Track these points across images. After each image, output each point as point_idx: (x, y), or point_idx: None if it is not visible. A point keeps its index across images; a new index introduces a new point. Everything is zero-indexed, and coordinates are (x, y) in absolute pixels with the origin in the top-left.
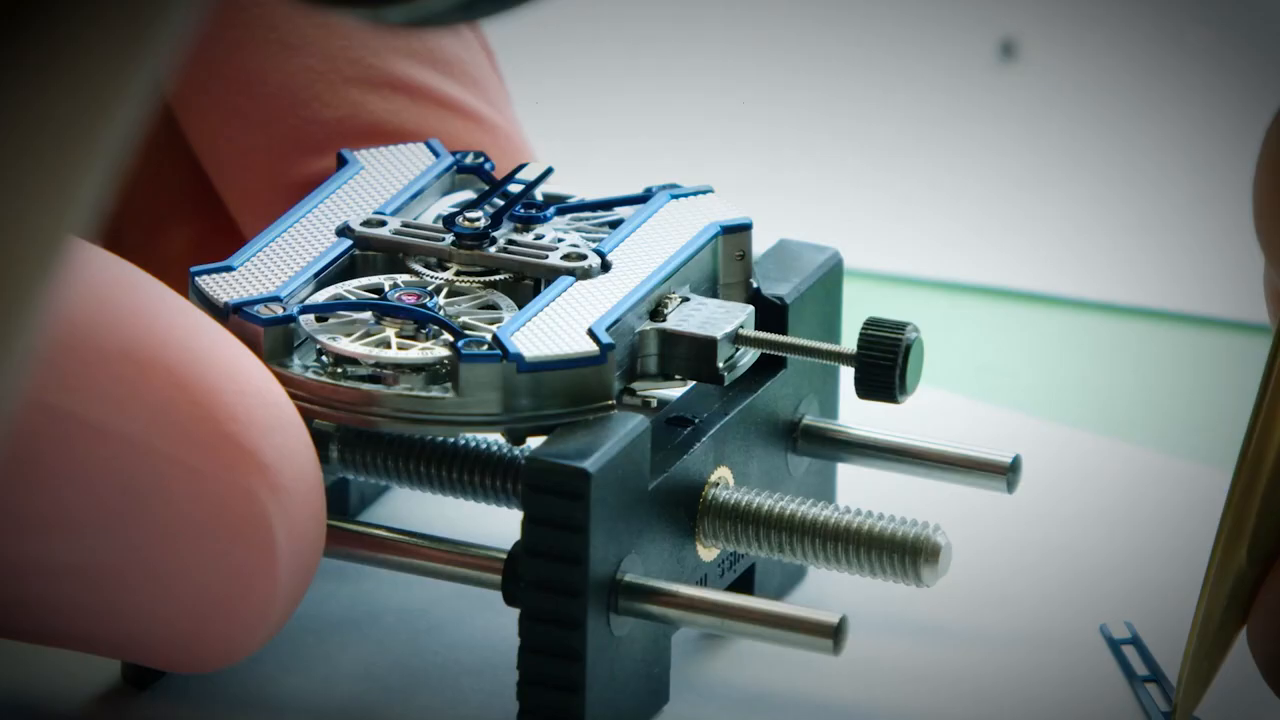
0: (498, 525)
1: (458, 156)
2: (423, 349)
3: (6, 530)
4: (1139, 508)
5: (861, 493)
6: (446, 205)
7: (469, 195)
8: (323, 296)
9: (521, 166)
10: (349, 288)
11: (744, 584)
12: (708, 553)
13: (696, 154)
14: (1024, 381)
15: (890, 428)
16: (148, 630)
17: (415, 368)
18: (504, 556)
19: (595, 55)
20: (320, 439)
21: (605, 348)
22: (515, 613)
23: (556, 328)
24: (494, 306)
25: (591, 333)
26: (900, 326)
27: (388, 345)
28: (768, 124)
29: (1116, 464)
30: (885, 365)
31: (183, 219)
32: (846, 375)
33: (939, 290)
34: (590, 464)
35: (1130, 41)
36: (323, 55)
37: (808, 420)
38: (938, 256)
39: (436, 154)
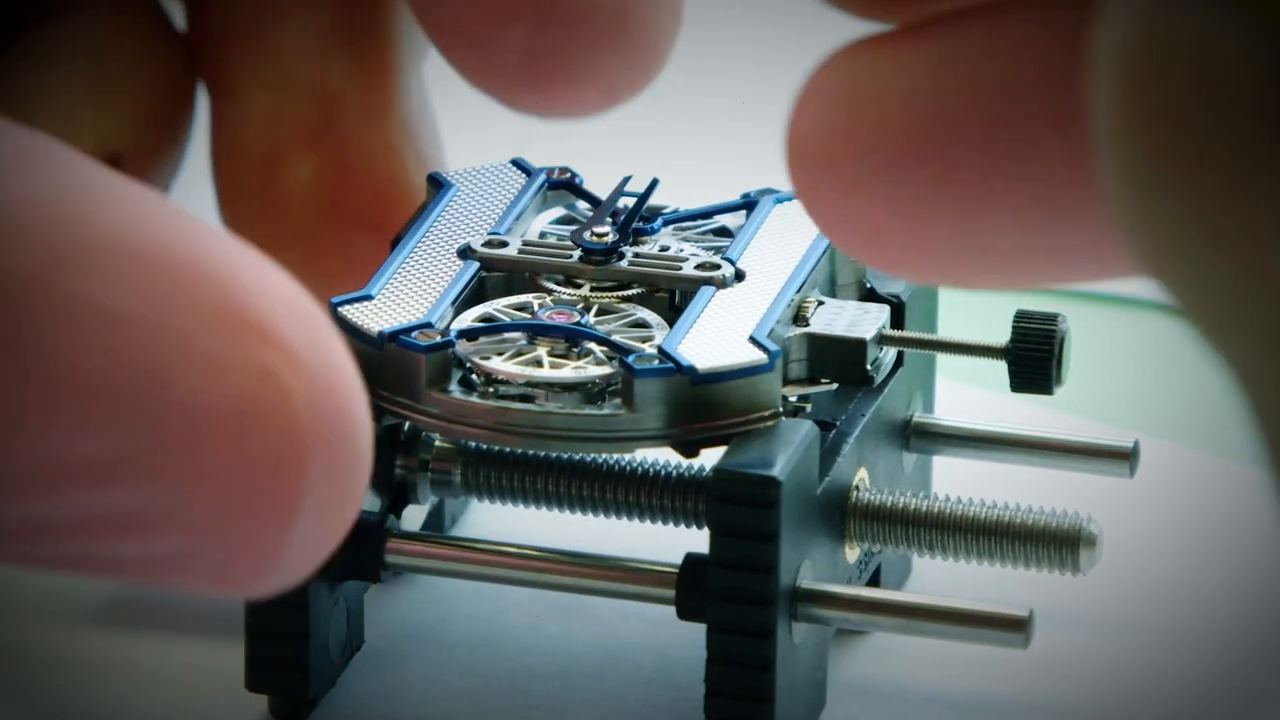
0: (588, 536)
1: (547, 170)
2: (575, 368)
3: (19, 429)
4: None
5: (956, 485)
6: (545, 221)
7: (562, 210)
8: (470, 318)
9: (627, 179)
10: (499, 307)
11: (872, 583)
12: (851, 554)
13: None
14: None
15: (988, 420)
16: (172, 536)
17: (572, 387)
18: (675, 571)
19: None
20: (447, 459)
21: (773, 355)
22: (588, 619)
23: (718, 338)
24: (644, 325)
25: (755, 341)
26: (1051, 318)
27: (539, 365)
28: None
29: (1173, 465)
30: (1041, 357)
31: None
32: (942, 369)
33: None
34: (779, 471)
35: None
36: None
37: (918, 417)
38: None
39: (526, 170)
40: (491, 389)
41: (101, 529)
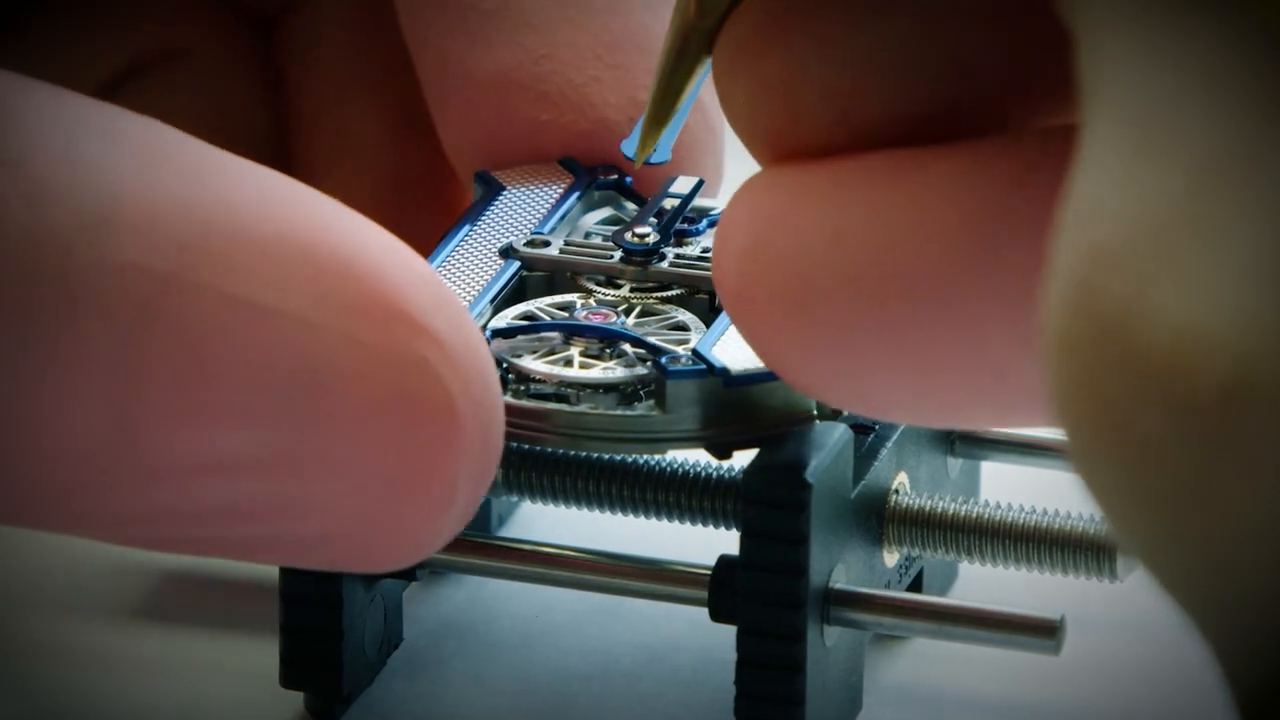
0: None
1: (596, 171)
2: (604, 369)
3: (179, 425)
4: None
5: (1004, 490)
6: (592, 222)
7: (609, 211)
8: (509, 317)
9: (673, 180)
10: (541, 306)
11: (913, 588)
12: (890, 558)
13: None
14: None
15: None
16: (328, 522)
17: (603, 387)
18: (709, 572)
19: None
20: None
21: None
22: (628, 619)
23: None
24: (684, 327)
25: None
26: None
27: (572, 365)
28: None
29: None
30: None
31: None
32: None
33: None
34: (810, 474)
35: None
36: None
37: None
38: None
39: (574, 172)
40: (522, 387)
41: (257, 516)
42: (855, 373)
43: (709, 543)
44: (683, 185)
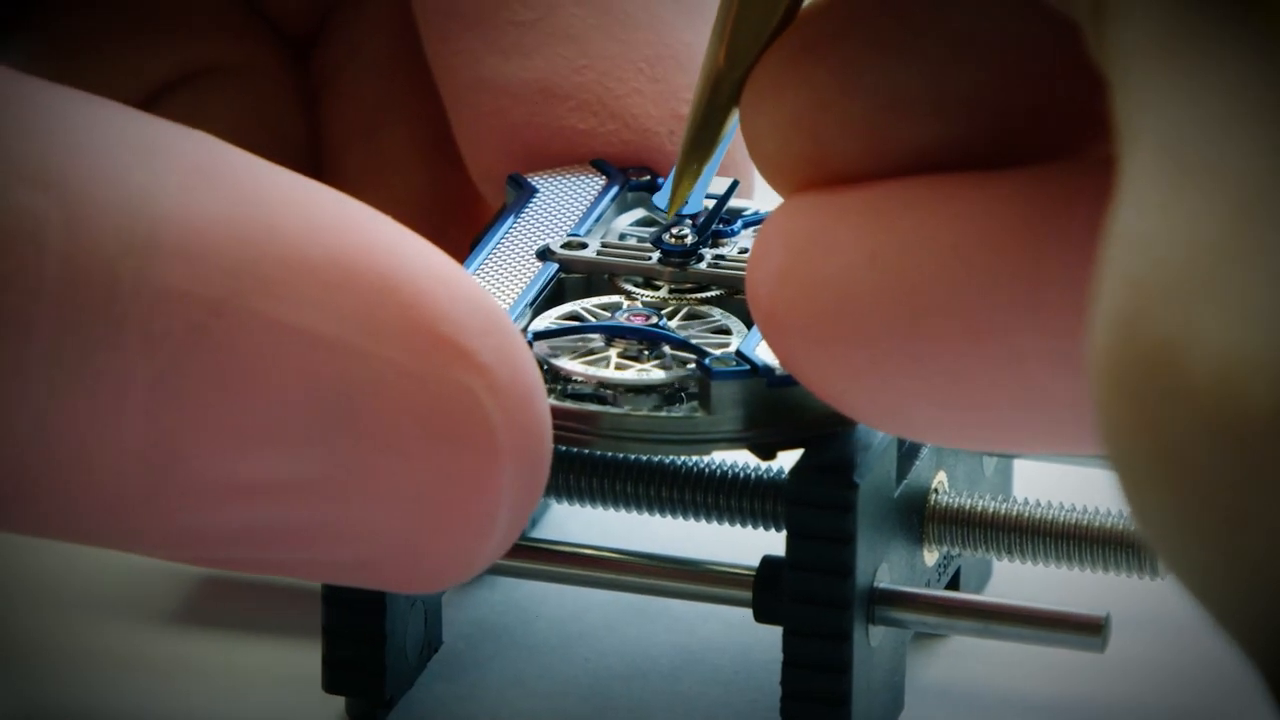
0: (664, 538)
1: (629, 172)
2: (639, 370)
3: (222, 448)
4: None
5: (1038, 489)
6: (626, 223)
7: (642, 212)
8: (553, 317)
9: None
10: (587, 306)
11: (951, 586)
12: (930, 557)
13: None
14: None
15: None
16: (366, 547)
17: (646, 388)
18: (750, 573)
19: None
20: None
21: None
22: (666, 621)
23: None
24: (725, 330)
25: None
26: None
27: (611, 366)
28: None
29: None
30: None
31: (409, 175)
32: None
33: None
34: (857, 475)
35: None
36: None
37: None
38: None
39: (607, 173)
40: (559, 387)
41: (298, 539)
42: (892, 397)
43: (734, 542)
44: (718, 186)
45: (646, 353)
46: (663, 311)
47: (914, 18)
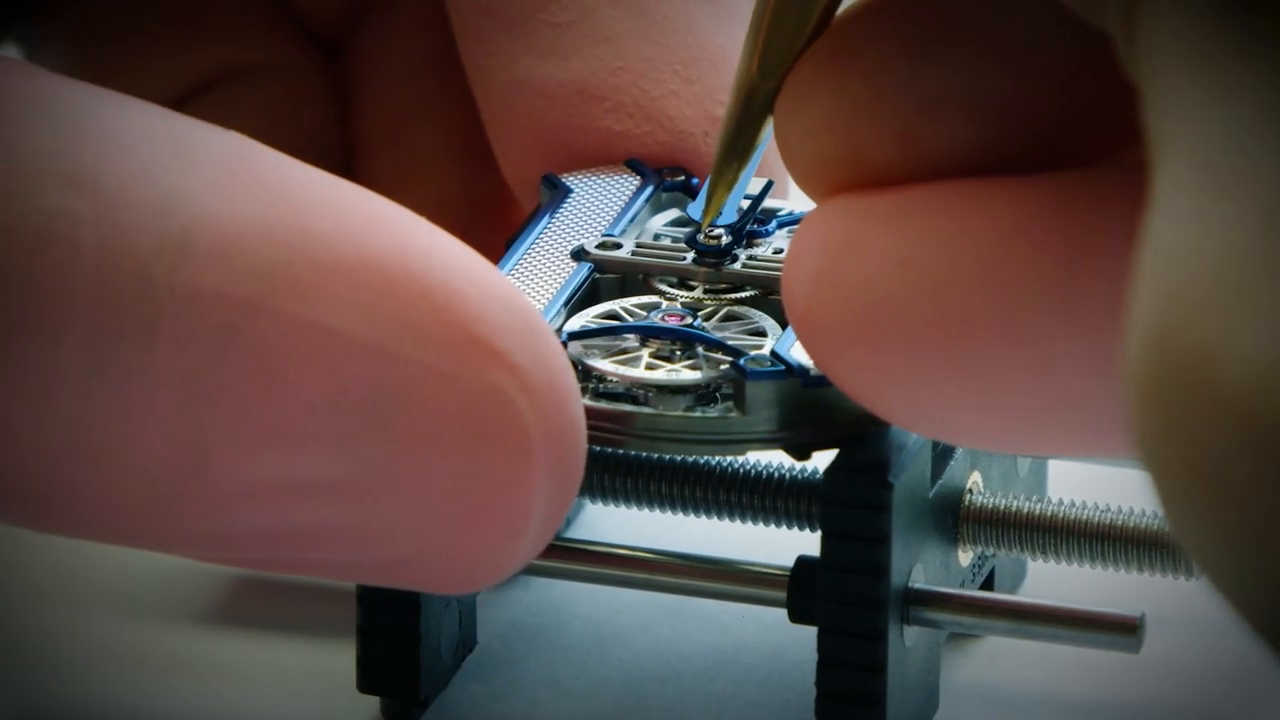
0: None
1: (663, 173)
2: (669, 370)
3: (254, 449)
4: None
5: (1071, 489)
6: (660, 223)
7: (676, 212)
8: (591, 315)
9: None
10: (626, 306)
11: (985, 586)
12: (964, 557)
13: None
14: None
15: None
16: (399, 548)
17: (680, 389)
18: (785, 573)
19: None
20: None
21: None
22: (701, 621)
23: None
24: (761, 333)
25: None
26: None
27: (643, 366)
28: None
29: None
30: None
31: (442, 177)
32: None
33: None
34: (892, 475)
35: None
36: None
37: None
38: None
39: (641, 173)
40: (593, 386)
41: (330, 540)
42: (926, 400)
43: (768, 542)
44: (753, 186)
45: (679, 353)
46: (700, 313)
47: (945, 22)
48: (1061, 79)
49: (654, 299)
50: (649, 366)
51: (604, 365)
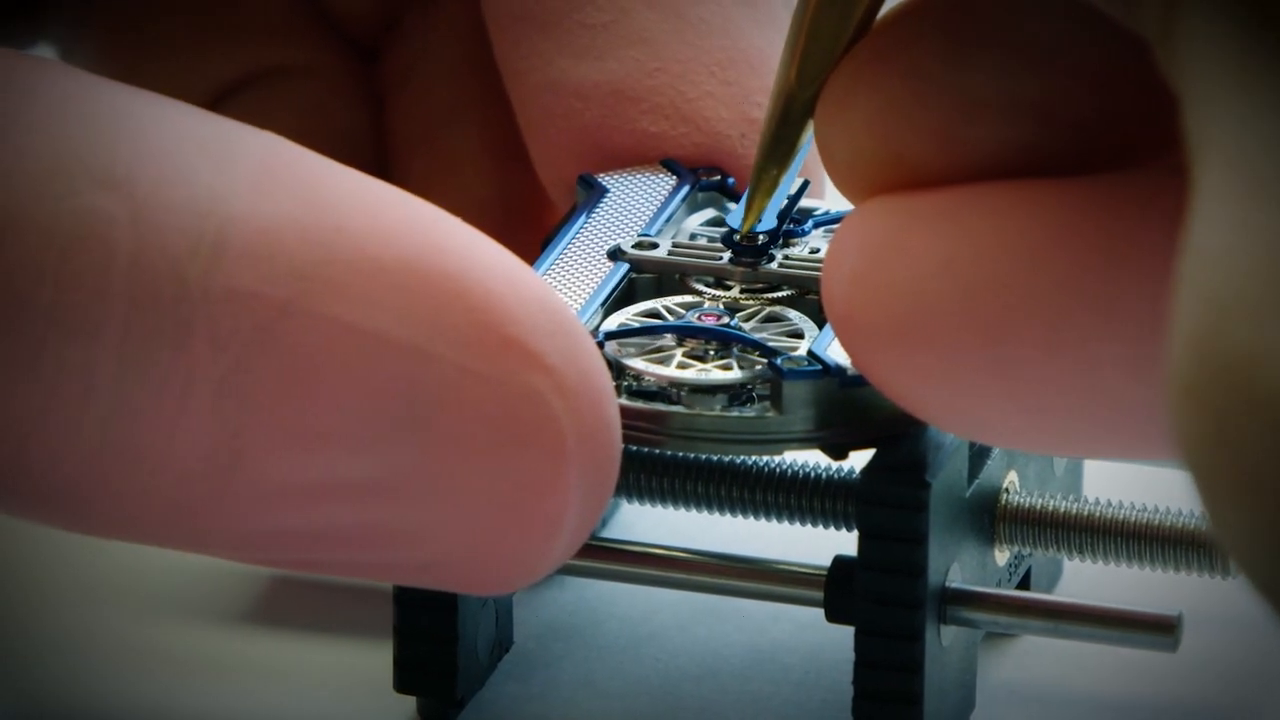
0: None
1: (699, 173)
2: (701, 370)
3: (288, 449)
4: None
5: (1107, 488)
6: (696, 223)
7: (712, 212)
8: (630, 314)
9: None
10: (667, 304)
11: (1022, 586)
12: (1001, 556)
13: None
14: None
15: None
16: (435, 549)
17: (716, 388)
18: (822, 573)
19: None
20: None
21: None
22: (737, 620)
23: None
24: (799, 334)
25: None
26: None
27: (678, 366)
28: None
29: None
30: None
31: (476, 179)
32: None
33: None
34: (929, 475)
35: None
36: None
37: None
38: None
39: (677, 173)
40: (628, 386)
41: (365, 541)
42: (965, 401)
43: (804, 542)
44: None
45: (714, 352)
46: (739, 313)
47: (983, 25)
48: (1099, 81)
49: (695, 298)
50: (681, 366)
51: (639, 364)
